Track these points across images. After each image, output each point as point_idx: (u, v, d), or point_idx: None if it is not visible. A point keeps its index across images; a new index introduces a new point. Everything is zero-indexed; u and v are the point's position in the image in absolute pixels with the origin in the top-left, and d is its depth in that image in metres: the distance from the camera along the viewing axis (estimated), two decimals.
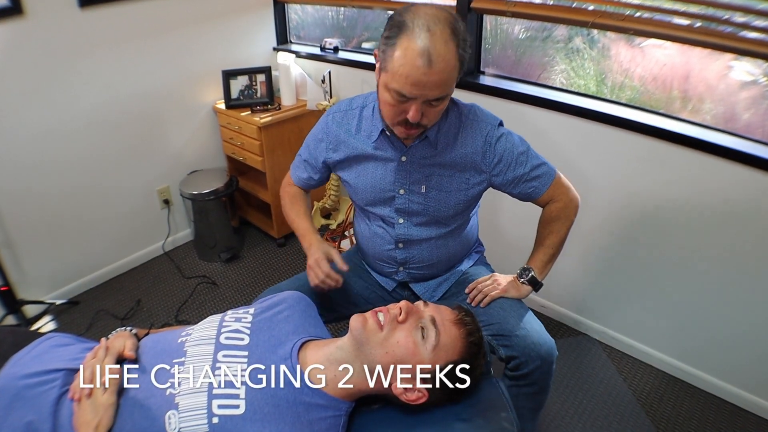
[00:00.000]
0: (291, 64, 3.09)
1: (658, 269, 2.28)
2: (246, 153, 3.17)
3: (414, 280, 1.78)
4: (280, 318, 1.29)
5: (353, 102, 1.67)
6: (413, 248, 1.69)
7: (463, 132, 1.55)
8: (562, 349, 2.49)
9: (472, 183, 1.59)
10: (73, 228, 2.84)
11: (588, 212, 2.34)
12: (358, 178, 1.65)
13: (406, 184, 1.59)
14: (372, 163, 1.61)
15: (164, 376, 1.12)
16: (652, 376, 2.41)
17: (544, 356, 1.51)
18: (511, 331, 1.54)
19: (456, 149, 1.55)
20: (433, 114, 1.38)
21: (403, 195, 1.60)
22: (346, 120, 1.64)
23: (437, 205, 1.60)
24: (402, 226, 1.65)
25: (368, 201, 1.67)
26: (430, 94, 1.30)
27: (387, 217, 1.66)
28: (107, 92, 2.74)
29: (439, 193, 1.59)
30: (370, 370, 1.14)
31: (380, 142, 1.57)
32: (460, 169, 1.57)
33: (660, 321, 2.36)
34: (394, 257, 1.72)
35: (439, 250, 1.71)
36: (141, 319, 2.77)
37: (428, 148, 1.54)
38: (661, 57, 2.17)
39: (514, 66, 2.63)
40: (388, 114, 1.40)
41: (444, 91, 1.32)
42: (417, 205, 1.61)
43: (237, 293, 2.97)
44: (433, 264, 1.73)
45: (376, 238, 1.73)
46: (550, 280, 2.64)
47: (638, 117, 2.11)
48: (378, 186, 1.62)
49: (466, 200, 1.61)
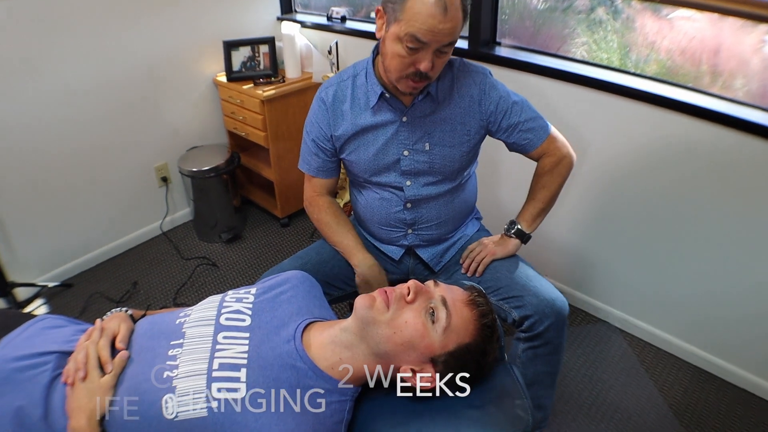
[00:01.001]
0: (296, 34, 3.07)
1: (687, 255, 2.26)
2: (248, 128, 3.17)
3: (422, 243, 1.82)
4: (283, 298, 1.29)
5: (343, 74, 1.71)
6: (421, 207, 1.74)
7: (457, 83, 1.64)
8: (579, 337, 2.53)
9: (472, 132, 1.66)
10: (66, 207, 2.85)
11: (612, 191, 2.33)
12: (359, 150, 1.69)
13: (410, 144, 1.64)
14: (371, 133, 1.66)
15: (161, 359, 1.12)
16: (676, 367, 2.40)
17: (558, 311, 1.57)
18: (522, 290, 1.61)
19: (454, 100, 1.63)
20: (440, 65, 1.47)
21: (407, 156, 1.66)
22: (340, 92, 1.69)
23: (442, 160, 1.66)
24: (411, 188, 1.70)
25: (372, 171, 1.70)
26: (444, 40, 1.39)
27: (394, 182, 1.70)
28: (101, 64, 2.74)
29: (443, 149, 1.65)
30: (377, 352, 1.14)
31: (379, 106, 1.63)
32: (460, 120, 1.64)
33: (687, 309, 2.35)
34: (403, 219, 1.76)
35: (446, 207, 1.76)
36: (137, 302, 2.79)
37: (429, 104, 1.62)
38: (690, 29, 2.14)
39: (532, 37, 2.61)
40: (398, 67, 1.46)
41: (454, 37, 1.41)
42: (422, 164, 1.66)
43: (238, 275, 2.98)
44: (440, 223, 1.78)
45: (383, 203, 1.76)
46: (566, 264, 2.67)
47: (665, 91, 2.08)
48: (381, 153, 1.66)
49: (469, 150, 1.69)
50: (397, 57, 1.44)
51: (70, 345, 1.20)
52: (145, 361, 1.13)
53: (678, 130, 2.07)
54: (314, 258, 1.81)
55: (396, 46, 1.42)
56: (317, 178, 1.82)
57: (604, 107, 2.23)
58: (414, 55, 1.41)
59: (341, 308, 2.61)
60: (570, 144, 1.74)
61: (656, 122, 2.11)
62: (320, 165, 1.78)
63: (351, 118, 1.66)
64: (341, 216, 1.83)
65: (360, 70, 1.68)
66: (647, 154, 2.19)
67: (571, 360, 2.41)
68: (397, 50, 1.42)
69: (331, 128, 1.69)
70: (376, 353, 1.14)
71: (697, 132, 2.02)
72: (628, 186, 2.30)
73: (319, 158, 1.77)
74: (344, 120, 1.67)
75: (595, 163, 2.34)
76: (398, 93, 1.60)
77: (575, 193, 2.43)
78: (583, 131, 2.30)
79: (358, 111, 1.66)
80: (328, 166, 1.79)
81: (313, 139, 1.75)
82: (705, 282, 2.24)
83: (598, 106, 2.24)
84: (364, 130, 1.66)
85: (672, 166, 2.15)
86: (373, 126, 1.65)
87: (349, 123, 1.66)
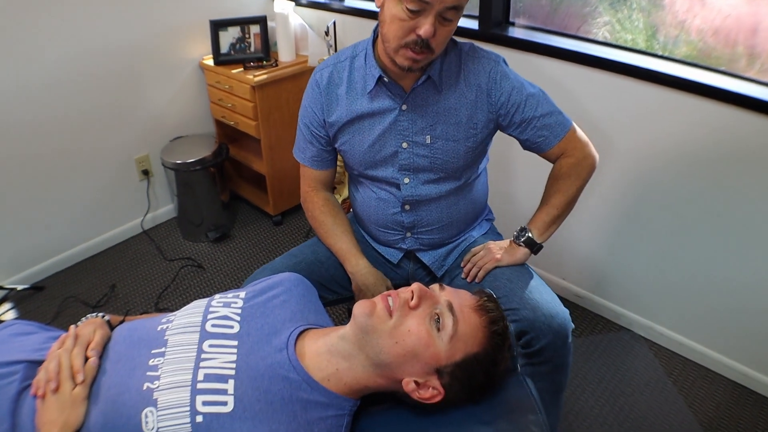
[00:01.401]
0: (290, 13, 3.07)
1: (724, 260, 2.25)
2: (238, 117, 3.17)
3: (422, 247, 1.82)
4: (275, 303, 1.29)
5: (341, 54, 1.70)
6: (421, 209, 1.73)
7: (465, 70, 1.60)
8: (600, 346, 2.52)
9: (480, 126, 1.63)
10: (37, 202, 2.85)
11: (637, 188, 2.32)
12: (353, 139, 1.68)
13: (409, 135, 1.62)
14: (368, 120, 1.64)
15: (141, 369, 1.12)
16: (708, 379, 2.40)
17: (557, 329, 1.53)
18: (519, 303, 1.57)
19: (459, 89, 1.60)
20: (443, 35, 1.44)
21: (406, 149, 1.64)
22: (336, 74, 1.68)
23: (445, 156, 1.63)
24: (408, 186, 1.69)
25: (368, 163, 1.69)
26: (447, 1, 1.36)
27: (391, 178, 1.69)
28: (76, 45, 2.74)
29: (446, 143, 1.62)
30: (377, 363, 1.14)
31: (377, 91, 1.61)
32: (466, 112, 1.61)
33: (722, 318, 2.34)
34: (401, 221, 1.75)
35: (450, 209, 1.74)
36: (116, 307, 2.79)
37: (431, 91, 1.59)
38: (725, 7, 2.14)
39: (548, 17, 2.61)
40: (397, 32, 1.43)
41: (459, 1, 1.38)
42: (423, 159, 1.64)
43: (226, 278, 2.99)
44: (443, 226, 1.77)
45: (379, 203, 1.75)
46: (585, 266, 2.67)
47: (697, 76, 2.07)
48: (378, 143, 1.65)
49: (475, 146, 1.65)
50: (396, 21, 1.41)
51: (41, 354, 1.19)
52: (123, 371, 1.13)
53: (711, 120, 2.06)
54: (309, 257, 1.81)
55: (395, 8, 1.40)
56: (312, 170, 1.82)
57: (627, 94, 2.22)
58: (415, 18, 1.38)
59: (340, 314, 2.61)
60: (589, 136, 1.70)
61: (686, 111, 2.11)
62: (315, 154, 1.78)
63: (346, 104, 1.65)
64: (338, 215, 1.83)
65: (359, 51, 1.66)
66: (676, 147, 2.19)
67: (591, 371, 2.42)
68: (397, 12, 1.40)
69: (324, 113, 1.69)
70: (377, 364, 1.14)
71: (734, 122, 2.01)
72: (656, 182, 2.29)
73: (314, 147, 1.77)
74: (339, 105, 1.66)
75: (618, 156, 2.34)
76: (398, 77, 1.58)
77: (597, 190, 2.43)
78: (605, 121, 2.30)
79: (354, 96, 1.64)
80: (323, 156, 1.79)
81: (306, 124, 1.75)
82: (744, 290, 2.23)
83: (622, 93, 2.24)
84: (359, 117, 1.65)
85: (705, 160, 2.14)
86: (369, 113, 1.63)
87: (344, 109, 1.65)
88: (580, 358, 2.46)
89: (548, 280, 2.74)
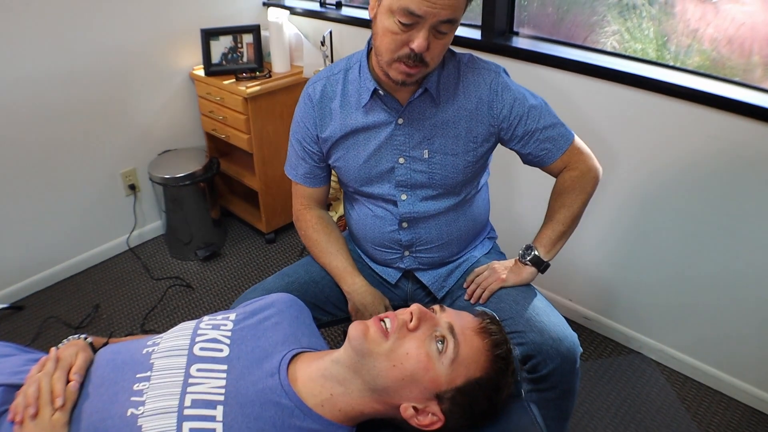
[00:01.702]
0: (284, 22, 3.08)
1: (738, 281, 2.24)
2: (229, 129, 3.17)
3: (421, 267, 1.81)
4: (267, 325, 1.29)
5: (334, 67, 1.71)
6: (419, 227, 1.73)
7: (464, 81, 1.61)
8: (610, 370, 2.52)
9: (480, 140, 1.63)
10: (18, 218, 2.85)
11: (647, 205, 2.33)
12: (348, 154, 1.68)
13: (406, 150, 1.62)
14: (363, 135, 1.65)
15: (125, 394, 1.11)
16: (723, 405, 2.39)
17: (565, 354, 1.53)
18: (526, 326, 1.56)
19: (458, 102, 1.60)
20: (437, 49, 1.44)
21: (403, 164, 1.64)
22: (330, 87, 1.68)
23: (444, 171, 1.64)
24: (406, 203, 1.69)
25: (363, 180, 1.69)
26: (441, 14, 1.35)
27: (387, 195, 1.69)
28: (60, 53, 2.75)
29: (444, 157, 1.62)
30: (374, 387, 1.13)
31: (372, 105, 1.62)
32: (465, 125, 1.61)
33: (738, 341, 2.33)
34: (398, 240, 1.75)
35: (449, 227, 1.74)
36: (99, 328, 2.78)
37: (428, 104, 1.60)
38: (739, 15, 2.15)
39: (554, 26, 2.62)
40: (390, 46, 1.43)
41: (454, 13, 1.38)
42: (420, 175, 1.64)
43: (216, 298, 2.98)
44: (442, 245, 1.77)
45: (375, 220, 1.75)
46: (593, 287, 2.66)
47: (710, 87, 2.08)
48: (373, 159, 1.65)
49: (475, 160, 1.65)
50: (389, 34, 1.41)
51: (19, 377, 1.18)
52: (106, 396, 1.12)
53: (726, 133, 2.06)
54: (303, 277, 1.81)
55: (388, 21, 1.40)
56: (304, 187, 1.82)
57: (637, 106, 2.23)
58: (407, 32, 1.38)
59: (335, 336, 2.60)
60: (597, 151, 1.72)
61: (699, 124, 2.11)
62: (307, 171, 1.79)
63: (340, 118, 1.65)
64: (332, 233, 1.83)
65: (353, 63, 1.67)
66: (689, 162, 2.19)
67: (600, 397, 2.41)
68: (389, 25, 1.40)
69: (317, 128, 1.69)
70: (373, 389, 1.13)
71: (748, 135, 2.02)
72: (667, 198, 2.30)
73: (307, 163, 1.77)
74: (333, 120, 1.67)
75: (628, 172, 2.34)
76: (393, 90, 1.58)
77: (605, 206, 2.43)
78: (614, 135, 2.31)
79: (348, 110, 1.65)
80: (316, 172, 1.79)
81: (298, 140, 1.75)
82: (760, 311, 2.23)
83: (631, 106, 2.24)
84: (354, 132, 1.65)
85: (719, 175, 2.14)
86: (364, 127, 1.63)
87: (338, 123, 1.66)
88: (588, 382, 2.45)
89: (554, 301, 2.73)
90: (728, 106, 2.02)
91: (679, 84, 2.11)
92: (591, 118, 2.32)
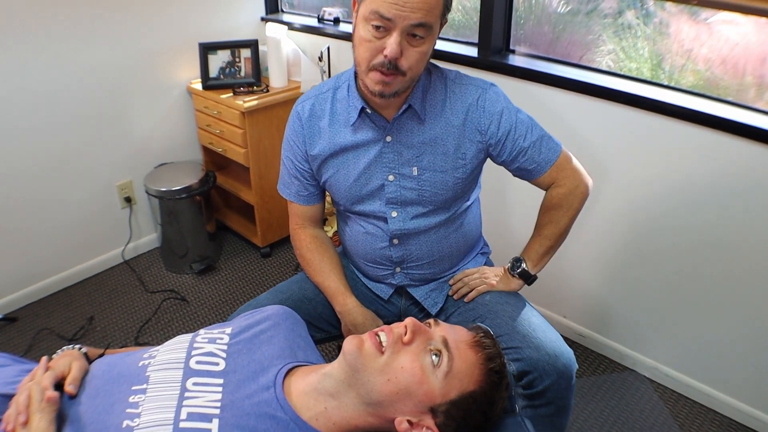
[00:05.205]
0: (282, 37, 3.10)
1: (732, 298, 2.25)
2: (226, 143, 3.18)
3: (412, 283, 1.82)
4: (262, 338, 1.29)
5: (323, 86, 1.72)
6: (410, 243, 1.73)
7: (450, 98, 1.62)
8: (603, 387, 2.52)
9: (468, 156, 1.64)
10: (13, 229, 2.85)
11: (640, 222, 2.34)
12: (338, 173, 1.69)
13: (395, 167, 1.63)
14: (352, 153, 1.66)
15: (120, 406, 1.11)
16: (716, 423, 2.39)
17: (561, 370, 1.53)
18: (522, 341, 1.56)
19: (445, 118, 1.61)
20: (414, 57, 1.44)
21: (392, 182, 1.65)
22: (318, 106, 1.69)
23: (433, 188, 1.64)
24: (396, 220, 1.69)
25: (354, 198, 1.70)
26: (411, 16, 1.36)
27: (378, 212, 1.70)
28: (58, 67, 2.75)
29: (433, 174, 1.63)
30: (368, 401, 1.14)
31: (360, 123, 1.63)
32: (453, 141, 1.62)
33: (730, 359, 2.34)
34: (389, 256, 1.76)
35: (440, 243, 1.75)
36: (93, 341, 2.77)
37: (414, 121, 1.61)
38: (733, 35, 2.16)
39: (550, 45, 2.64)
40: (365, 54, 1.45)
41: (426, 17, 1.38)
42: (410, 192, 1.65)
43: (211, 312, 2.98)
44: (433, 261, 1.77)
45: (367, 237, 1.76)
46: (586, 304, 2.67)
47: (703, 106, 2.09)
48: (363, 177, 1.66)
49: (465, 176, 1.66)
50: (364, 42, 1.43)
51: (12, 387, 1.18)
52: (102, 407, 1.12)
53: (719, 153, 2.08)
54: (296, 294, 1.81)
55: (363, 29, 1.42)
56: (299, 205, 1.83)
57: (632, 125, 2.24)
58: (381, 38, 1.40)
59: (330, 350, 2.60)
60: (591, 168, 1.72)
61: (693, 143, 2.12)
62: (299, 189, 1.80)
63: (329, 136, 1.66)
64: (326, 252, 1.83)
65: (342, 82, 1.68)
66: (683, 181, 2.20)
67: (593, 414, 2.41)
68: (364, 34, 1.42)
69: (306, 146, 1.70)
70: (368, 402, 1.14)
71: (742, 154, 2.03)
72: (661, 216, 2.31)
73: (299, 181, 1.78)
74: (321, 138, 1.68)
75: (622, 190, 2.35)
76: (380, 107, 1.59)
77: (599, 224, 2.44)
78: (608, 153, 2.32)
79: (337, 128, 1.65)
80: (309, 190, 1.80)
81: (289, 158, 1.76)
82: (754, 329, 2.23)
83: (626, 124, 2.26)
84: (343, 150, 1.66)
85: (713, 194, 2.15)
86: (353, 146, 1.64)
87: (326, 141, 1.67)
88: (582, 399, 2.45)
89: (549, 317, 2.73)
90: (722, 126, 2.04)
91: (673, 103, 2.13)
92: (586, 136, 2.33)
